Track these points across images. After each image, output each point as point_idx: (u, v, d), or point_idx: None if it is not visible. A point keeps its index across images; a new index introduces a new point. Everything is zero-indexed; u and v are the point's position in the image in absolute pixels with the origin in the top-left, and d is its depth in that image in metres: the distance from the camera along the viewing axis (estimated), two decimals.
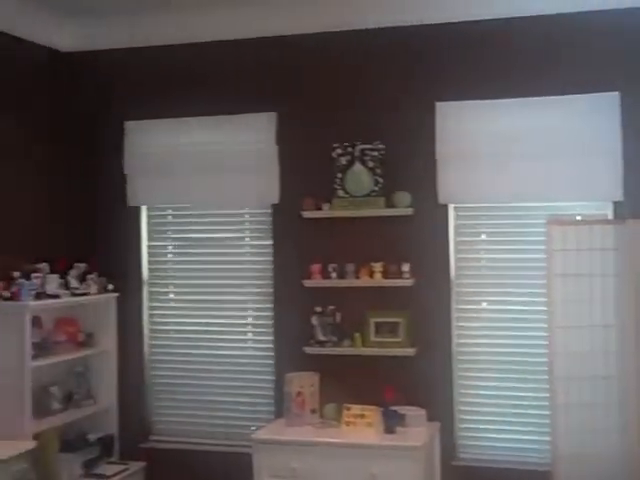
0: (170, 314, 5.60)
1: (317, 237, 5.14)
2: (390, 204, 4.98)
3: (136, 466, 5.35)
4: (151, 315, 5.60)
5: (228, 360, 5.41)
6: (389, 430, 4.62)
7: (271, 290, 5.31)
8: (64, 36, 5.52)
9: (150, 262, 5.62)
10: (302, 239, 5.18)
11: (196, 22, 5.31)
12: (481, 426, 4.97)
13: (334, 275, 5.06)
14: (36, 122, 5.34)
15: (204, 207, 5.51)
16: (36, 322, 4.96)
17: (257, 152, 5.28)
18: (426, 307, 4.98)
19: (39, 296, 4.91)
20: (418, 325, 4.98)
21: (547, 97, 4.76)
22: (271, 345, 5.30)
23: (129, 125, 5.52)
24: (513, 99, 4.82)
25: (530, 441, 4.85)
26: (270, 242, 5.32)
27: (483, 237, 5.04)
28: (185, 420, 5.50)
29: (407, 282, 4.95)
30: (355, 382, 4.98)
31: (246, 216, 5.48)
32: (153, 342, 5.59)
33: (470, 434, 4.98)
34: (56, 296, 5.04)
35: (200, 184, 5.40)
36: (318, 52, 5.16)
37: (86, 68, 5.59)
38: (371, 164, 5.02)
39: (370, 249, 5.04)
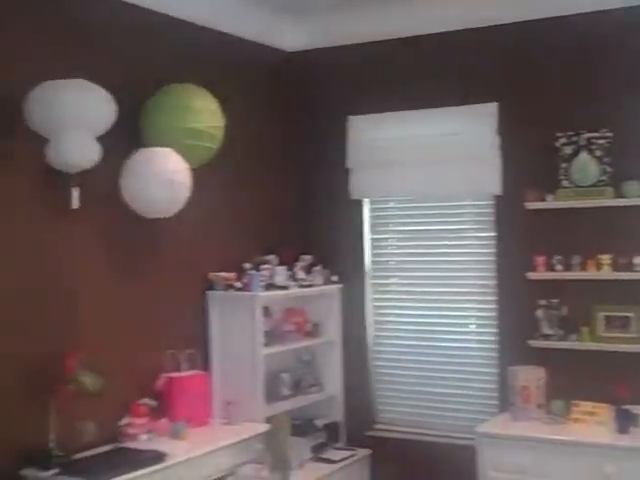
0: (392, 305, 5.69)
1: (541, 228, 5.03)
2: (619, 194, 4.78)
3: (362, 453, 5.49)
4: (374, 306, 5.71)
5: (450, 352, 5.42)
6: (622, 430, 4.43)
7: (494, 282, 5.25)
8: (289, 37, 5.75)
9: (373, 254, 5.73)
10: (525, 230, 5.08)
11: (412, 16, 5.34)
12: None
13: (559, 267, 4.93)
14: (270, 122, 5.60)
15: (425, 199, 5.54)
16: (266, 312, 5.21)
17: (478, 143, 5.23)
18: None
19: (268, 287, 5.15)
20: None
21: None
22: (494, 338, 5.24)
23: (352, 120, 5.65)
24: None
25: None
26: (492, 234, 5.26)
27: None
28: (408, 410, 5.58)
29: (638, 275, 4.73)
30: (583, 378, 4.82)
31: (467, 208, 5.45)
32: (377, 333, 5.70)
33: None
34: (284, 287, 5.26)
35: (421, 176, 5.43)
36: (536, 40, 5.03)
37: (310, 66, 5.78)
38: (598, 153, 4.84)
39: (597, 240, 4.86)
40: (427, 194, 5.51)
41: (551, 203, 4.95)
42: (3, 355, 3.90)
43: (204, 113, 4.56)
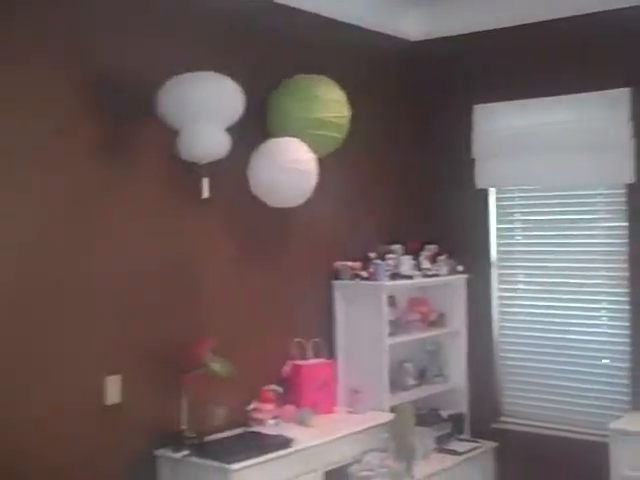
0: (519, 296, 5.59)
1: None
2: None
3: (487, 445, 5.43)
4: (500, 297, 5.62)
5: (580, 345, 5.28)
6: None
7: (626, 274, 5.08)
8: (413, 26, 5.73)
9: (498, 244, 5.65)
10: None
11: (537, 1, 5.22)
12: None
13: None
14: (395, 112, 5.61)
15: (553, 188, 5.41)
16: (391, 302, 5.21)
17: (609, 130, 5.08)
18: None
19: (393, 276, 5.15)
20: None
21: None
22: (627, 331, 5.07)
23: (477, 109, 5.57)
24: None
25: None
26: (625, 223, 5.09)
27: None
28: (535, 404, 5.46)
29: None
30: None
31: (598, 197, 5.28)
32: (502, 324, 5.62)
33: None
34: (409, 277, 5.25)
35: (549, 164, 5.31)
36: None
37: (434, 55, 5.72)
38: None
39: None
40: (555, 183, 5.38)
41: None
42: (137, 341, 4.07)
43: (330, 103, 4.60)
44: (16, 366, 3.61)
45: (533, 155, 5.35)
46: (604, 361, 5.11)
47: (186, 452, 4.02)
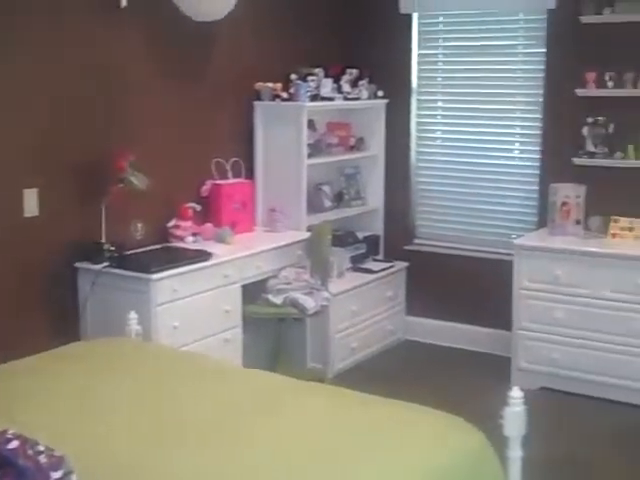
0: (437, 122, 5.68)
1: (594, 44, 4.87)
2: None
3: (400, 265, 5.64)
4: (419, 123, 5.69)
5: (493, 169, 5.44)
6: None
7: (541, 100, 5.19)
8: None
9: (420, 70, 5.66)
10: (578, 46, 4.94)
11: None
12: None
13: (610, 84, 4.84)
14: None
15: (476, 13, 5.38)
16: (310, 125, 5.22)
17: None
18: None
19: (314, 98, 5.13)
20: None
21: None
22: (538, 155, 5.24)
23: None
24: None
25: None
26: (543, 49, 5.14)
27: None
28: (448, 226, 5.66)
29: None
30: (624, 196, 4.83)
31: (519, 22, 5.30)
32: (420, 149, 5.72)
33: None
34: (330, 99, 5.25)
35: None
36: None
37: None
38: None
39: None
40: (478, 8, 5.35)
41: (608, 17, 4.79)
42: (55, 154, 4.02)
43: None
44: None
45: None
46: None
47: (106, 264, 4.08)
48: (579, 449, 4.05)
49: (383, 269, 5.47)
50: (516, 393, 2.74)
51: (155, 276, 3.97)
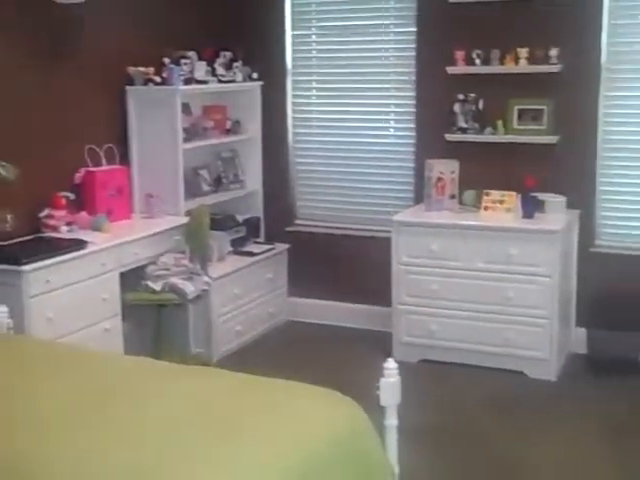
0: (313, 102, 5.70)
1: (462, 22, 5.00)
2: None
3: (281, 247, 5.65)
4: (295, 104, 5.70)
5: (369, 147, 5.51)
6: (528, 215, 4.66)
7: (413, 78, 5.28)
8: None
9: (294, 51, 5.66)
10: (447, 24, 5.05)
11: None
12: (620, 214, 4.94)
13: (478, 62, 4.97)
14: None
15: None
16: (185, 109, 5.15)
17: None
18: (572, 95, 4.84)
19: (188, 82, 5.07)
20: (563, 113, 4.87)
21: None
22: (412, 133, 5.33)
23: None
24: None
25: None
26: (414, 29, 5.23)
27: None
28: (328, 206, 5.70)
29: (553, 68, 4.80)
30: (495, 170, 4.98)
31: (391, 2, 5.35)
32: (297, 130, 5.72)
33: (610, 222, 4.96)
34: (204, 82, 5.19)
35: None
36: None
37: None
38: None
39: (516, 33, 4.88)
40: None
41: None
42: None
43: None
44: None
45: None
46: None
47: None
48: (451, 416, 4.20)
49: (264, 251, 5.47)
50: (391, 364, 2.79)
51: (26, 267, 3.85)
